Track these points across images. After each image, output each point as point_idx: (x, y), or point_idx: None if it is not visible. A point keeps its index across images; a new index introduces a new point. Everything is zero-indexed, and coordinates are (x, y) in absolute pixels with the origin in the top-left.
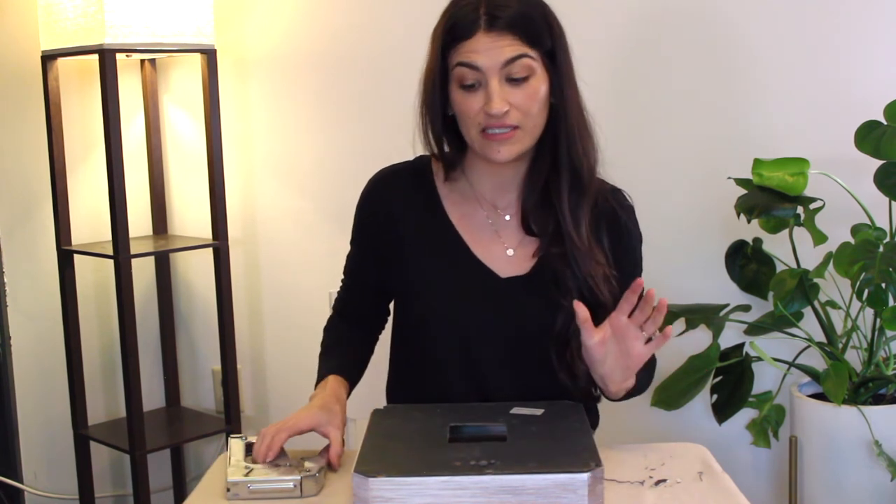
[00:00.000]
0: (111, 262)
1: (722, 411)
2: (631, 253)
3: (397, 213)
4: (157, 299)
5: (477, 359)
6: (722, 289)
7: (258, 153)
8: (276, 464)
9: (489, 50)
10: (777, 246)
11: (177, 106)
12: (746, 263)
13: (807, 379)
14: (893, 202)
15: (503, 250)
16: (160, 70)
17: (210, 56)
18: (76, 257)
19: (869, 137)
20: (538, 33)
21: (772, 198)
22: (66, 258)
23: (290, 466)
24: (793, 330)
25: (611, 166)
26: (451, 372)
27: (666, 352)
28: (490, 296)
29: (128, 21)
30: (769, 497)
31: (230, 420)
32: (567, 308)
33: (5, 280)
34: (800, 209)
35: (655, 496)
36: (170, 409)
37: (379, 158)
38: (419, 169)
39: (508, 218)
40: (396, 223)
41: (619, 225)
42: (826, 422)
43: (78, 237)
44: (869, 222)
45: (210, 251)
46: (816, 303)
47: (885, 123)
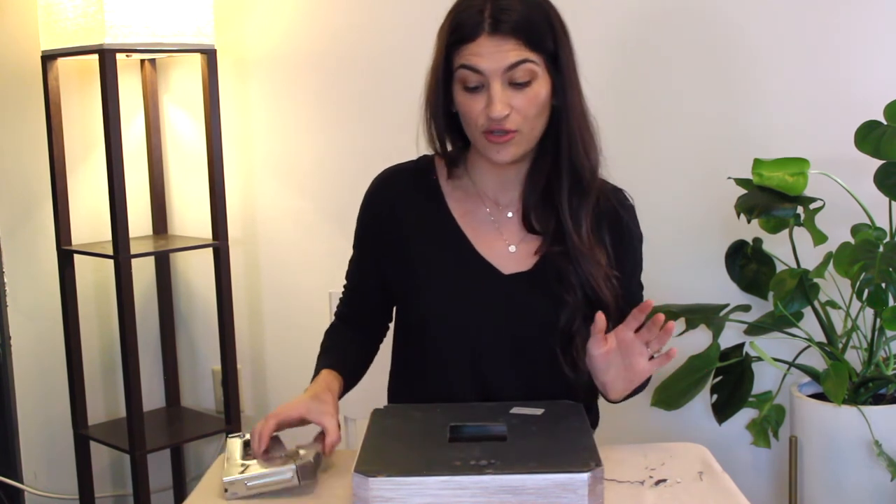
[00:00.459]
0: (111, 262)
1: (722, 411)
2: (632, 252)
3: (401, 213)
4: (157, 299)
5: (480, 356)
6: (722, 289)
7: (258, 153)
8: (272, 456)
9: (492, 54)
10: (777, 246)
11: (177, 106)
12: (746, 263)
13: (807, 379)
14: (893, 202)
15: (505, 247)
16: (160, 70)
17: (210, 56)
18: (76, 257)
19: (869, 137)
20: (542, 37)
21: (772, 198)
22: (66, 258)
23: (286, 457)
24: (793, 330)
25: (611, 166)
26: (454, 369)
27: None
28: (493, 292)
29: (128, 21)
30: (769, 497)
31: (230, 420)
32: (571, 304)
33: (5, 280)
34: (800, 209)
35: (655, 496)
36: (170, 409)
37: (379, 158)
38: (422, 168)
39: (510, 215)
40: (400, 222)
41: (621, 225)
42: (826, 422)
43: (78, 237)
44: (869, 222)
45: (210, 251)
46: (816, 303)
47: (885, 123)
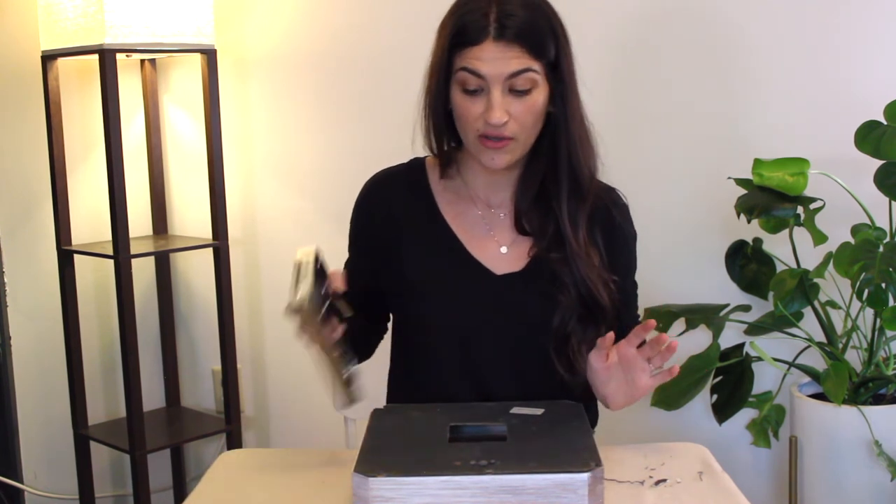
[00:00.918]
0: (111, 262)
1: (722, 411)
2: (626, 252)
3: (393, 215)
4: (157, 299)
5: (475, 357)
6: (722, 289)
7: (258, 153)
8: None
9: (495, 60)
10: (777, 246)
11: (177, 106)
12: (746, 263)
13: (807, 379)
14: (893, 202)
15: (497, 248)
16: (160, 70)
17: (210, 56)
18: (76, 257)
19: (869, 137)
20: (544, 45)
21: (772, 198)
22: (66, 258)
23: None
24: (793, 330)
25: (611, 167)
26: (450, 370)
27: None
28: (486, 293)
29: (128, 21)
30: (769, 497)
31: (230, 420)
32: (564, 304)
33: (5, 280)
34: (800, 209)
35: (655, 496)
36: (170, 409)
37: (379, 158)
38: (414, 171)
39: (502, 216)
40: (393, 225)
41: (614, 224)
42: (826, 422)
43: (78, 237)
44: (869, 222)
45: (210, 251)
46: (816, 303)
47: (885, 123)
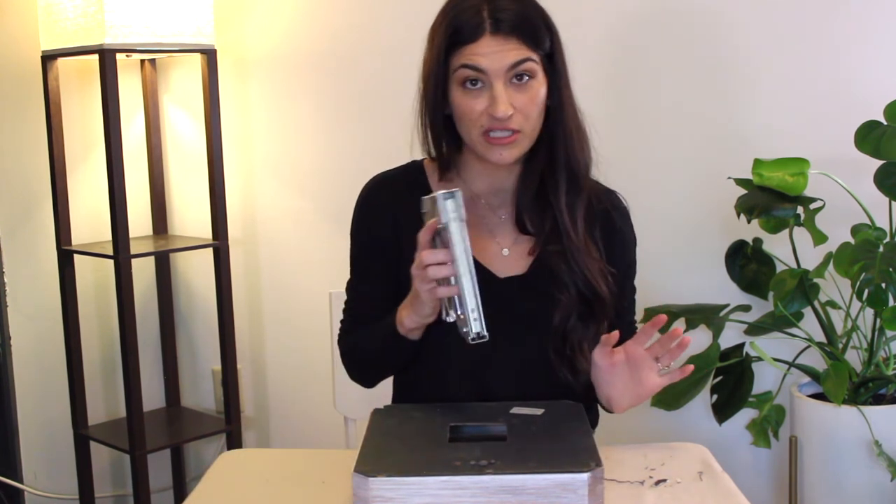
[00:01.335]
0: (111, 262)
1: (722, 411)
2: (626, 255)
3: (394, 218)
4: (157, 299)
5: (477, 359)
6: (722, 289)
7: (258, 153)
8: None
9: (495, 53)
10: (777, 246)
11: (177, 106)
12: (746, 263)
13: (807, 379)
14: (893, 202)
15: (498, 250)
16: (160, 70)
17: (210, 56)
18: (76, 257)
19: (869, 137)
20: (539, 36)
21: (772, 198)
22: (66, 258)
23: None
24: (793, 330)
25: (611, 167)
26: (453, 373)
27: None
28: (489, 296)
29: (128, 21)
30: (769, 497)
31: (230, 420)
32: (565, 303)
33: (5, 280)
34: (800, 209)
35: (655, 496)
36: (170, 409)
37: (379, 158)
38: (412, 173)
39: (503, 218)
40: (394, 227)
41: (615, 228)
42: (826, 422)
43: (78, 237)
44: (869, 222)
45: (210, 251)
46: (816, 303)
47: (885, 123)
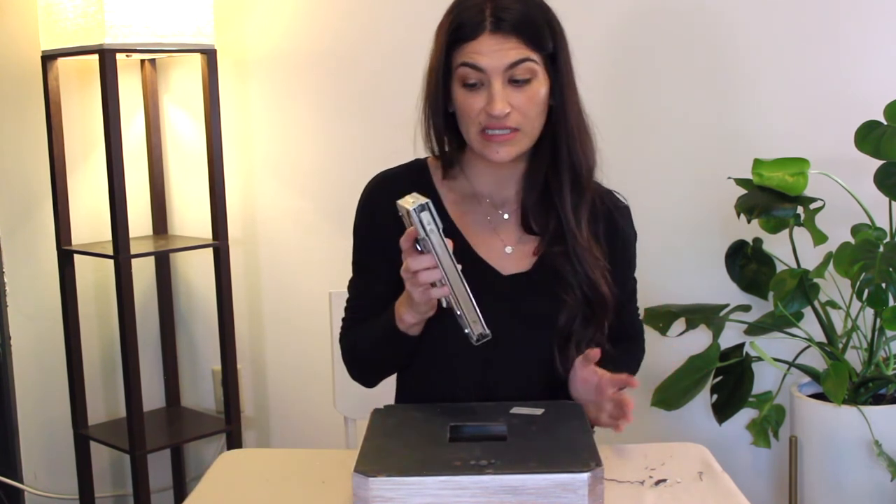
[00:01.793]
0: (111, 262)
1: (722, 411)
2: (628, 253)
3: (396, 216)
4: (157, 299)
5: (480, 357)
6: (722, 289)
7: (258, 153)
8: None
9: (494, 52)
10: (777, 246)
11: (177, 106)
12: (746, 263)
13: (807, 379)
14: (893, 202)
15: (502, 248)
16: (160, 70)
17: (210, 56)
18: (76, 257)
19: (869, 137)
20: (541, 36)
21: (772, 198)
22: (66, 258)
23: None
24: (793, 330)
25: (611, 167)
26: (455, 371)
27: (666, 352)
28: (493, 293)
29: (128, 21)
30: (769, 497)
31: (230, 420)
32: (569, 303)
33: (5, 280)
34: (800, 209)
35: (655, 496)
36: (170, 409)
37: (379, 158)
38: (415, 171)
39: (507, 216)
40: (396, 226)
41: (617, 227)
42: (826, 422)
43: (78, 237)
44: (869, 222)
45: (210, 251)
46: (816, 303)
47: (885, 123)
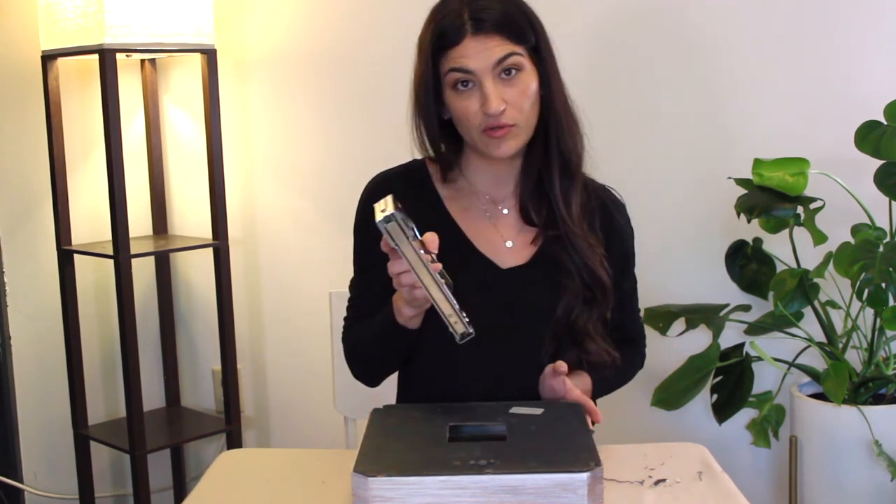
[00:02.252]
0: (111, 262)
1: (722, 411)
2: (624, 246)
3: None
4: (157, 299)
5: (482, 351)
6: (722, 289)
7: (258, 153)
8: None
9: (479, 52)
10: (777, 246)
11: (177, 106)
12: (746, 263)
13: (807, 379)
14: (893, 202)
15: (502, 243)
16: (160, 70)
17: (210, 56)
18: (76, 257)
19: (869, 137)
20: (522, 30)
21: (772, 198)
22: (66, 258)
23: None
24: (793, 330)
25: (612, 167)
26: (457, 365)
27: (666, 352)
28: (493, 287)
29: (128, 21)
30: (769, 497)
31: (230, 420)
32: (569, 288)
33: (5, 280)
34: (800, 209)
35: (655, 496)
36: (170, 409)
37: (379, 158)
38: (414, 171)
39: (506, 211)
40: None
41: (612, 219)
42: (826, 422)
43: (78, 237)
44: (869, 222)
45: (210, 251)
46: (816, 303)
47: (885, 123)
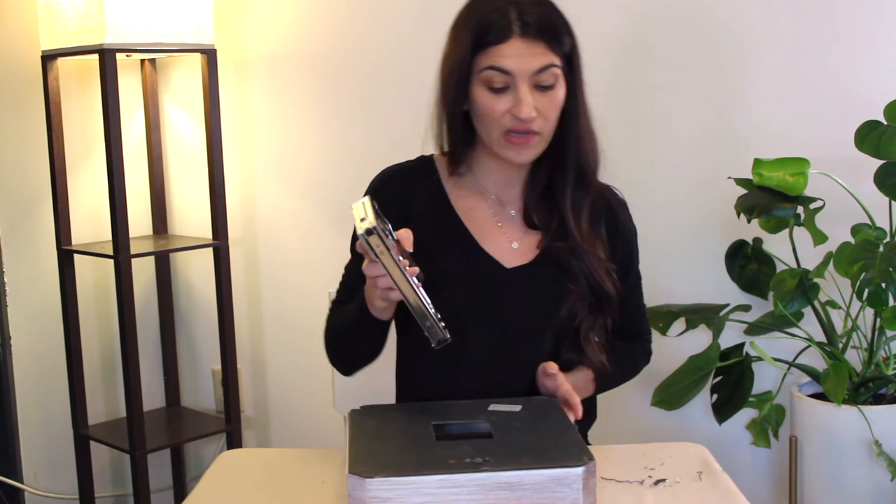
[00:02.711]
0: (111, 262)
1: (722, 411)
2: (630, 246)
3: (405, 207)
4: (157, 299)
5: (483, 349)
6: (722, 289)
7: (258, 153)
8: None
9: (523, 56)
10: (777, 246)
11: (177, 106)
12: (746, 263)
13: (807, 379)
14: (893, 202)
15: (508, 243)
16: (160, 70)
17: (210, 56)
18: (76, 257)
19: (869, 137)
20: (562, 39)
21: (772, 198)
22: (66, 258)
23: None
24: (793, 330)
25: (612, 166)
26: (459, 363)
27: (666, 352)
28: (496, 286)
29: (128, 21)
30: (769, 497)
31: (230, 420)
32: (575, 293)
33: (5, 280)
34: (800, 209)
35: (655, 496)
36: (170, 409)
37: (379, 158)
38: (423, 167)
39: (513, 213)
40: (405, 217)
41: (617, 220)
42: (826, 422)
43: (78, 237)
44: (869, 222)
45: (210, 251)
46: (816, 303)
47: (885, 123)
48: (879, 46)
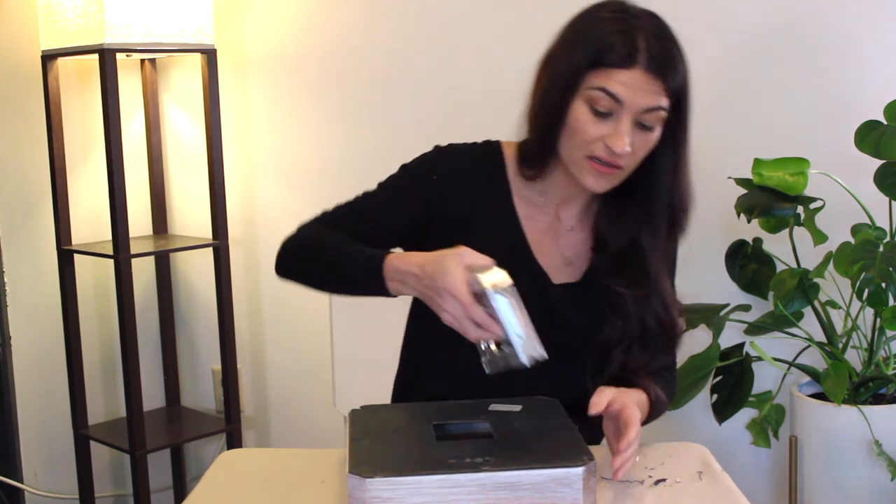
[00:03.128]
0: (111, 262)
1: (722, 411)
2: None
3: (460, 189)
4: (157, 299)
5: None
6: (722, 289)
7: (258, 153)
8: None
9: (639, 89)
10: (777, 246)
11: (177, 106)
12: (746, 263)
13: (807, 379)
14: (893, 202)
15: (560, 258)
16: (160, 70)
17: (210, 56)
18: (76, 257)
19: (869, 137)
20: (679, 83)
21: (772, 198)
22: (66, 258)
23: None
24: (793, 330)
25: None
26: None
27: None
28: (539, 299)
29: (128, 21)
30: (769, 497)
31: (230, 420)
32: (614, 322)
33: (5, 280)
34: (800, 209)
35: (655, 496)
36: (170, 409)
37: (379, 157)
38: (489, 154)
39: (570, 228)
40: (456, 198)
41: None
42: (826, 422)
43: (78, 237)
44: (869, 222)
45: (210, 251)
46: (816, 303)
47: (885, 123)
48: (879, 46)
